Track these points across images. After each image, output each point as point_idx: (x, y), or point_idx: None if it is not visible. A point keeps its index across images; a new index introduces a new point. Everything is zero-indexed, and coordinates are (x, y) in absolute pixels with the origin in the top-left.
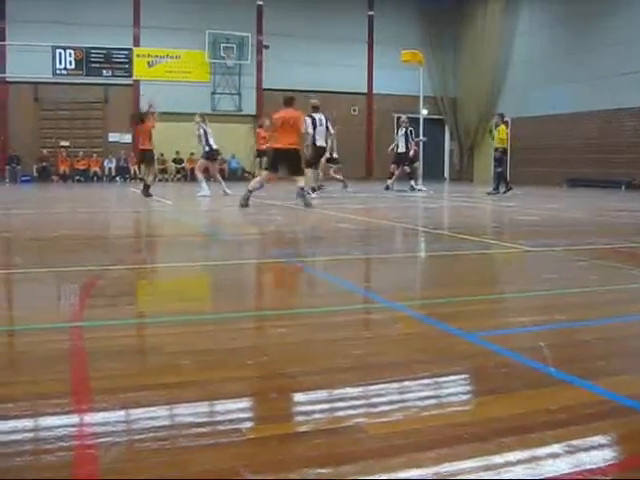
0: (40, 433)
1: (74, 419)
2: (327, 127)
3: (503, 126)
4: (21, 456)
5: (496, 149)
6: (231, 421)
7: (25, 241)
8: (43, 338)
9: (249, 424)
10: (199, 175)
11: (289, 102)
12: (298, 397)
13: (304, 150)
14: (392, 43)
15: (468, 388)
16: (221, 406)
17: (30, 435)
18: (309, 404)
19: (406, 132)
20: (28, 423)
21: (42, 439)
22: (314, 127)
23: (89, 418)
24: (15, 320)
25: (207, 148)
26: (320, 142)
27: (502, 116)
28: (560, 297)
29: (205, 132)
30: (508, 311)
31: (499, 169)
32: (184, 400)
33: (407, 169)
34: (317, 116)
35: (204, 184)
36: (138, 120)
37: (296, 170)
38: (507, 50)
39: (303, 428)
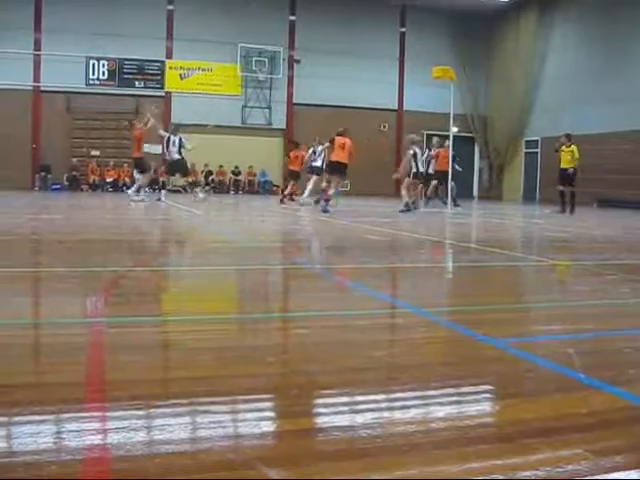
0: (55, 423)
1: (88, 410)
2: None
3: (574, 146)
4: (33, 444)
5: (566, 169)
6: (249, 415)
7: (51, 243)
8: (66, 331)
9: (267, 418)
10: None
11: None
12: (318, 394)
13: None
14: (423, 60)
15: (494, 390)
16: (239, 400)
17: (43, 425)
18: (329, 401)
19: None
20: (42, 412)
21: (56, 430)
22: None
23: (104, 409)
24: (39, 314)
25: (414, 170)
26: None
27: (569, 136)
28: (590, 308)
29: (415, 155)
30: (536, 319)
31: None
32: (202, 393)
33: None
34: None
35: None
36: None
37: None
38: (538, 69)
39: (322, 424)
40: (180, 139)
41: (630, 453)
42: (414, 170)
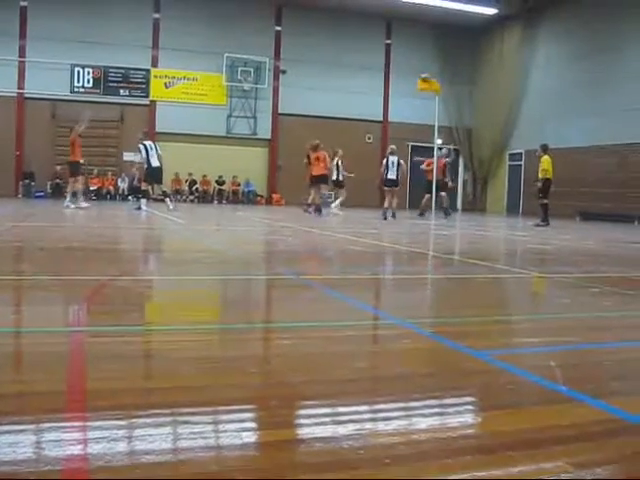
0: (34, 433)
1: (68, 420)
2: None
3: (547, 157)
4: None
5: (539, 180)
6: (230, 425)
7: (34, 250)
8: (47, 340)
9: (248, 429)
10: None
11: None
12: (300, 405)
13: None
14: (408, 72)
15: (475, 402)
16: (220, 410)
17: (23, 435)
18: (310, 412)
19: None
20: (22, 423)
21: (35, 440)
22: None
23: (84, 419)
24: (19, 323)
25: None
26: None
27: (545, 147)
28: (572, 320)
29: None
30: (519, 332)
31: (544, 200)
32: (183, 404)
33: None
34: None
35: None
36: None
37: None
38: (523, 83)
39: (303, 435)
40: (154, 144)
41: (610, 465)
42: (382, 177)
